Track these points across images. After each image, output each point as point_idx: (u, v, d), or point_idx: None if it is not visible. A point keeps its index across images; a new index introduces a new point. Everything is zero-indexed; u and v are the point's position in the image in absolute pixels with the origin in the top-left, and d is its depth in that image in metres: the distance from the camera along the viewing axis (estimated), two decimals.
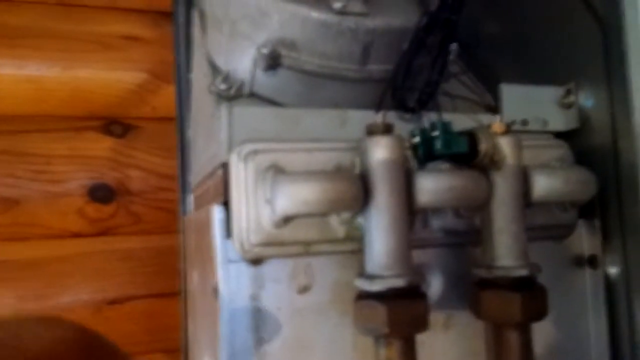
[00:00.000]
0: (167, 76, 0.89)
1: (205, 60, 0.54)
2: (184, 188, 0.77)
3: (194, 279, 0.57)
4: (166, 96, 0.89)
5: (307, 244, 0.42)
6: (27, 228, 0.83)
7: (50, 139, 0.85)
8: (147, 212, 0.89)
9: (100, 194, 0.87)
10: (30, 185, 0.83)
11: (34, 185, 0.83)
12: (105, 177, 0.87)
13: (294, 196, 0.37)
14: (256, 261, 0.42)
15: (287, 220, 0.40)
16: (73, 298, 0.84)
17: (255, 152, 0.41)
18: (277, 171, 0.40)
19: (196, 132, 0.64)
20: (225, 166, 0.42)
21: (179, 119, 0.80)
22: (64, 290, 0.83)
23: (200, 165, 0.59)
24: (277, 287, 0.42)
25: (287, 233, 0.41)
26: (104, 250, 0.86)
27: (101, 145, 0.87)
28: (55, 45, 0.87)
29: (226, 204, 0.42)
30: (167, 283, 0.86)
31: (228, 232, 0.41)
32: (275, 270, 0.42)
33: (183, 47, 0.79)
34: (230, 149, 0.42)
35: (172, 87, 0.84)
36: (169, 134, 0.86)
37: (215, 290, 0.41)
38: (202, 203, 0.56)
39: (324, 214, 0.41)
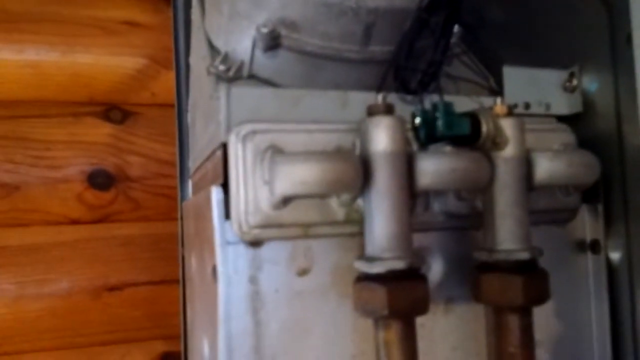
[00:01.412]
0: (167, 62, 0.88)
1: (204, 42, 0.53)
2: (182, 174, 0.76)
3: (192, 264, 0.57)
4: (166, 82, 0.88)
5: (306, 226, 0.41)
6: (26, 214, 0.83)
7: (49, 125, 0.85)
8: (147, 198, 0.88)
9: (100, 180, 0.86)
10: (29, 171, 0.83)
11: (34, 171, 0.83)
12: (104, 163, 0.87)
13: (292, 177, 0.36)
14: (255, 243, 0.41)
15: (285, 201, 0.40)
16: (72, 284, 0.84)
17: (254, 133, 0.40)
18: (276, 152, 0.39)
19: (194, 117, 0.63)
20: (224, 147, 0.42)
21: (178, 105, 0.79)
22: (63, 276, 0.83)
23: (198, 150, 0.58)
24: (275, 269, 0.42)
25: (286, 215, 0.40)
26: (104, 237, 0.86)
27: (101, 131, 0.87)
28: (55, 29, 0.86)
29: (225, 186, 0.41)
30: (167, 270, 0.86)
31: (227, 213, 0.41)
32: (274, 252, 0.42)
33: (182, 32, 0.79)
34: (229, 129, 0.42)
35: (172, 73, 0.83)
36: (168, 120, 0.85)
37: (214, 271, 0.41)
38: (201, 187, 0.56)
39: (323, 196, 0.41)
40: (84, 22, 0.88)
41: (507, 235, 0.42)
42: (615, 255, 0.50)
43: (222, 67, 0.48)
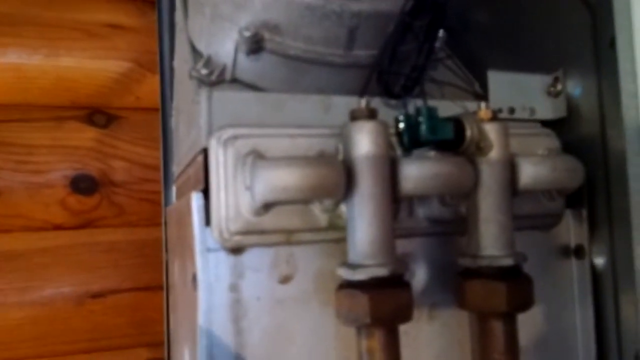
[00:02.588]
0: (152, 65, 0.87)
1: (186, 44, 0.53)
2: (166, 179, 0.76)
3: (175, 271, 0.56)
4: (151, 86, 0.87)
5: (289, 232, 0.41)
6: (8, 219, 0.81)
7: (32, 129, 0.84)
8: (131, 203, 0.87)
9: (83, 185, 0.85)
10: (12, 176, 0.81)
11: (16, 176, 0.82)
12: (88, 168, 0.85)
13: (274, 182, 0.36)
14: (236, 250, 0.40)
15: (267, 207, 0.39)
16: (55, 291, 0.82)
17: (235, 137, 0.40)
18: (257, 157, 0.39)
19: (178, 121, 0.62)
20: (205, 152, 0.41)
21: (162, 109, 0.78)
22: (46, 283, 0.82)
23: (181, 154, 0.58)
24: (257, 276, 0.41)
25: (268, 221, 0.40)
26: (87, 243, 0.84)
27: (84, 135, 0.86)
28: (37, 33, 0.85)
29: (205, 191, 0.41)
30: (151, 276, 0.84)
31: (207, 220, 0.40)
32: (256, 259, 0.41)
33: (167, 35, 0.78)
34: (210, 134, 0.41)
35: (157, 76, 0.82)
36: (153, 124, 0.84)
37: (194, 279, 0.40)
38: (183, 192, 0.55)
39: (305, 201, 0.40)
40: (67, 25, 0.87)
41: (491, 241, 0.41)
42: (599, 261, 0.50)
43: (204, 71, 0.48)
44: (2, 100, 0.83)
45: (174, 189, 0.71)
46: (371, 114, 0.39)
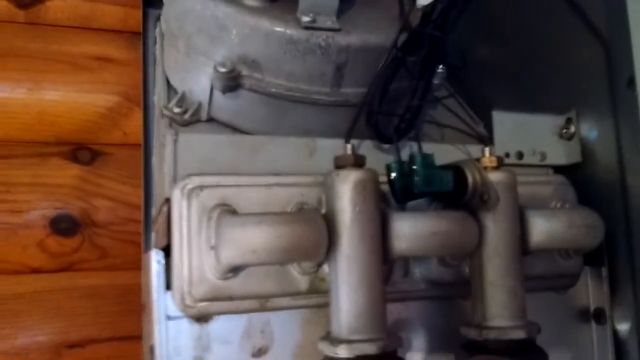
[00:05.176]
0: (140, 100, 0.83)
1: (162, 80, 0.48)
2: (147, 221, 0.70)
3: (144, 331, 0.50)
4: (139, 121, 0.83)
5: (263, 298, 0.35)
6: None
7: (12, 166, 0.79)
8: (115, 245, 0.82)
9: (64, 225, 0.80)
10: None
11: None
12: (69, 207, 0.80)
13: (240, 244, 0.30)
14: (201, 318, 0.35)
15: (235, 270, 0.33)
16: (30, 340, 0.76)
17: (202, 188, 0.34)
18: (224, 212, 0.33)
19: (156, 160, 0.58)
20: (169, 203, 0.36)
21: (145, 145, 0.74)
22: (20, 332, 0.76)
23: (156, 198, 0.53)
24: (226, 349, 0.35)
25: (238, 286, 0.34)
26: (66, 288, 0.79)
27: (67, 173, 0.81)
28: (22, 66, 0.81)
29: (168, 250, 0.35)
30: (133, 325, 0.78)
31: (168, 283, 0.35)
32: (225, 329, 0.35)
33: (153, 69, 0.74)
34: (174, 182, 0.36)
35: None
36: (140, 161, 0.80)
37: (152, 351, 0.35)
38: (156, 243, 0.49)
39: (280, 264, 0.34)
40: (53, 58, 0.83)
41: (499, 310, 0.36)
42: (623, 326, 0.45)
43: (177, 110, 0.43)
44: None
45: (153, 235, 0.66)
46: (358, 162, 0.34)
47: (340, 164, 0.34)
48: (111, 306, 0.80)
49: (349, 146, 0.35)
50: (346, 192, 0.33)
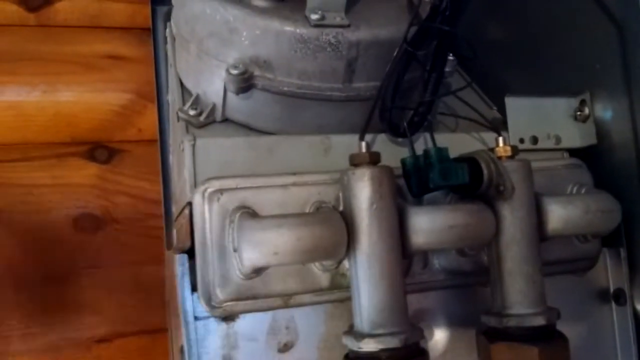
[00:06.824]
0: (153, 96, 0.84)
1: (176, 82, 0.49)
2: (167, 217, 0.71)
3: (171, 328, 0.51)
4: (153, 117, 0.83)
5: (286, 295, 0.36)
6: None
7: (31, 168, 0.81)
8: (136, 241, 0.83)
9: (87, 223, 0.82)
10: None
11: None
12: (90, 206, 0.82)
13: (262, 246, 0.31)
14: (227, 317, 0.36)
15: (258, 271, 0.34)
16: (60, 336, 0.78)
17: (221, 192, 0.35)
18: (245, 214, 0.34)
19: (174, 159, 0.58)
20: (191, 206, 0.37)
21: (160, 141, 0.74)
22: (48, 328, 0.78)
23: (177, 195, 0.53)
24: (253, 346, 0.36)
25: (261, 285, 0.35)
26: (91, 284, 0.81)
27: (85, 172, 0.82)
28: (35, 68, 0.82)
29: (192, 252, 0.36)
30: (158, 319, 0.80)
31: (193, 284, 0.36)
32: (251, 326, 0.36)
33: (164, 65, 0.74)
34: (194, 187, 0.37)
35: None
36: (156, 156, 0.81)
37: (182, 351, 0.36)
38: (179, 240, 0.50)
39: (300, 264, 0.35)
40: (65, 59, 0.84)
41: (518, 297, 0.36)
42: None
43: (192, 112, 0.44)
44: (0, 140, 0.80)
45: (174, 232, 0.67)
46: (373, 159, 0.34)
47: (355, 162, 0.35)
48: (135, 300, 0.82)
49: (364, 144, 0.35)
50: (362, 190, 0.33)
